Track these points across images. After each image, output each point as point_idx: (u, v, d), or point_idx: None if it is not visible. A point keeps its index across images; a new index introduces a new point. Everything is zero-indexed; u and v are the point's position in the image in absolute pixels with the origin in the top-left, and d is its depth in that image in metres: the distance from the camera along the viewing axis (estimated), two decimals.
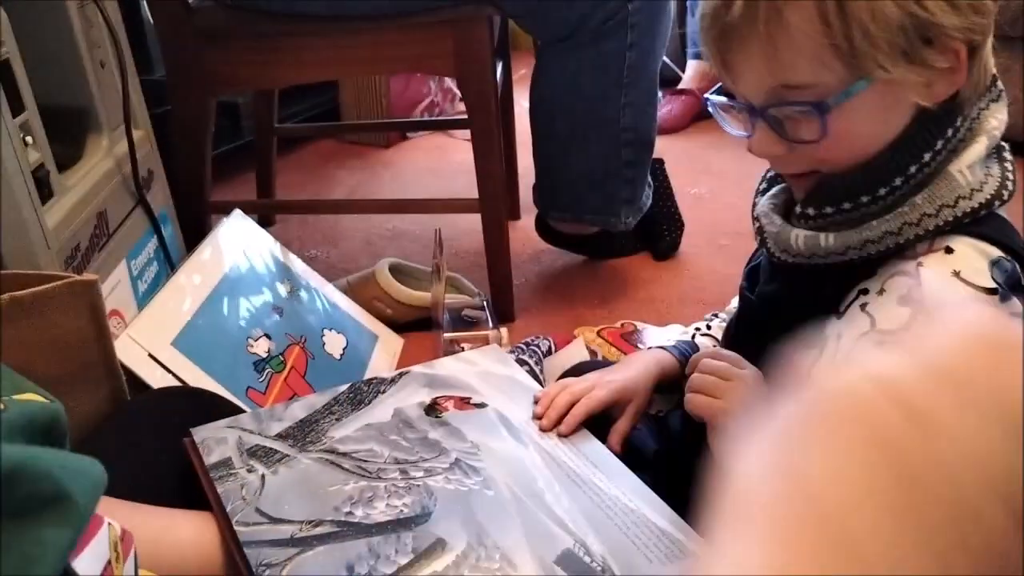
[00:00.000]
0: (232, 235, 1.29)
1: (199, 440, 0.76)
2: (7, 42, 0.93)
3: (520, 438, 0.79)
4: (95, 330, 0.81)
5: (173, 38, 1.42)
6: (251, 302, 1.21)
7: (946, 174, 0.65)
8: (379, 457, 0.75)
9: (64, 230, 0.99)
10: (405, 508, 0.69)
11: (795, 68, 0.62)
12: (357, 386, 0.86)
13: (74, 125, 1.12)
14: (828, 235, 0.67)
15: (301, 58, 1.41)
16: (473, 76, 1.37)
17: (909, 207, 0.64)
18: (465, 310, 1.37)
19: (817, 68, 0.62)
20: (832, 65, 0.61)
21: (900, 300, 0.64)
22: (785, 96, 0.64)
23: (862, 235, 0.65)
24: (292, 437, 0.78)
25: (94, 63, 1.13)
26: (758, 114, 0.66)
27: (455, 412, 0.82)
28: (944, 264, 0.63)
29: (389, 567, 0.63)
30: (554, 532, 0.67)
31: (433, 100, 2.55)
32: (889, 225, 0.64)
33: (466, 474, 0.73)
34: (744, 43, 0.63)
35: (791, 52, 0.62)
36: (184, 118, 1.46)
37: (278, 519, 0.68)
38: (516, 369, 0.91)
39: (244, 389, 1.10)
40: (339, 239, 1.85)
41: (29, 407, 0.50)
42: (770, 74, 0.63)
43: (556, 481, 0.73)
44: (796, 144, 0.66)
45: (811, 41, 0.61)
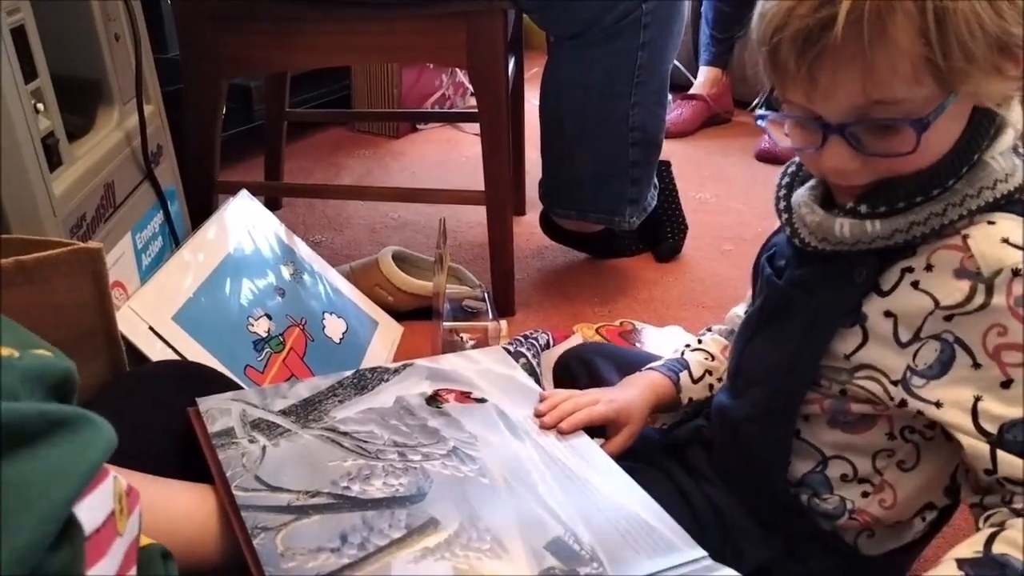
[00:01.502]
0: (238, 215, 1.30)
1: (204, 409, 0.77)
2: (22, 8, 0.93)
3: (517, 433, 0.79)
4: (97, 299, 0.82)
5: (188, 18, 1.42)
6: (254, 282, 1.22)
7: (982, 162, 0.67)
8: (379, 439, 0.76)
9: (71, 199, 0.99)
10: (401, 487, 0.70)
11: (891, 86, 0.62)
12: (362, 372, 0.87)
13: (86, 96, 1.13)
14: (874, 222, 0.68)
15: (314, 43, 1.42)
16: (485, 69, 1.37)
17: (950, 191, 0.67)
18: (466, 301, 1.37)
19: (912, 85, 0.62)
20: (925, 81, 0.62)
21: (955, 274, 0.66)
22: (871, 112, 0.64)
23: (908, 219, 0.67)
24: (295, 414, 0.79)
25: (109, 36, 1.14)
26: (835, 130, 0.66)
27: (455, 404, 0.83)
28: (990, 233, 0.65)
29: (382, 539, 0.64)
30: (545, 520, 0.68)
31: (444, 93, 2.55)
32: (934, 207, 0.67)
33: (462, 461, 0.74)
34: (842, 62, 0.62)
35: (890, 71, 0.62)
36: (196, 98, 1.47)
37: (276, 487, 0.68)
38: (517, 369, 0.92)
39: (243, 367, 1.11)
40: (344, 226, 1.86)
41: (43, 359, 0.50)
42: (864, 92, 0.63)
43: (550, 475, 0.74)
44: (871, 158, 0.66)
45: (910, 59, 0.61)
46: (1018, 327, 0.63)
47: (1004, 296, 0.64)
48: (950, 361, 0.66)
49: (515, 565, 0.63)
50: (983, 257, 0.65)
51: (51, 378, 0.50)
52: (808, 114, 0.67)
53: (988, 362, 0.64)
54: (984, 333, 0.64)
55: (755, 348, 0.81)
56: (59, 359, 0.52)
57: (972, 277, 0.65)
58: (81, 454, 0.46)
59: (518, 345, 1.21)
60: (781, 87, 0.68)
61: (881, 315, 0.69)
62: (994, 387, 0.64)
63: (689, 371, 0.92)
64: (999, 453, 0.64)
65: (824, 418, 0.76)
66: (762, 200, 0.99)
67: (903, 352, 0.69)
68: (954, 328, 0.66)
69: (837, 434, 0.76)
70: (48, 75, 0.98)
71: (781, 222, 0.78)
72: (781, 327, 0.77)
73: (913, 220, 0.67)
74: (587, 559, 0.64)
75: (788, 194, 0.78)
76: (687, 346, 0.96)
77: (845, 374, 0.73)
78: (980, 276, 0.64)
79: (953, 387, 0.66)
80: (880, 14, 0.60)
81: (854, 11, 0.60)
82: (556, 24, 1.43)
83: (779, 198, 0.79)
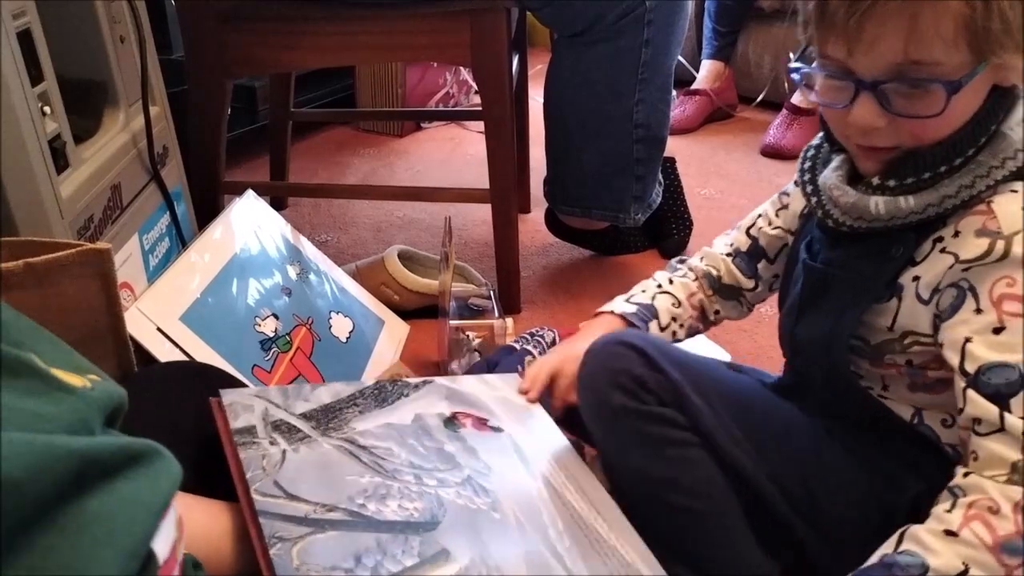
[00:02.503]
0: (244, 215, 1.30)
1: (227, 403, 0.76)
2: (29, 12, 0.94)
3: (531, 470, 0.80)
4: (106, 300, 0.82)
5: (192, 18, 1.43)
6: (260, 282, 1.22)
7: (1000, 133, 0.71)
8: (396, 458, 0.76)
9: (78, 201, 1.00)
10: (416, 512, 0.70)
11: (931, 46, 0.65)
12: (382, 384, 0.88)
13: (92, 98, 1.13)
14: (908, 198, 0.71)
15: (318, 43, 1.42)
16: (489, 67, 1.37)
17: (975, 164, 0.70)
18: (472, 299, 1.38)
19: (950, 49, 0.65)
20: (961, 46, 0.65)
21: (977, 233, 0.69)
22: (908, 72, 0.67)
23: (940, 192, 0.71)
24: (315, 419, 0.79)
25: (114, 38, 1.14)
26: (868, 87, 0.68)
27: (472, 431, 0.83)
28: (1013, 198, 0.70)
29: (395, 566, 0.64)
30: (552, 566, 0.69)
31: (448, 92, 2.55)
32: (963, 179, 0.70)
33: (476, 493, 0.75)
34: (890, 17, 0.65)
35: (933, 31, 0.65)
36: (201, 98, 1.47)
37: (294, 496, 0.68)
38: (535, 405, 0.92)
39: (250, 367, 1.11)
40: (349, 225, 1.86)
41: (107, 388, 0.52)
42: (904, 51, 0.66)
43: (560, 519, 0.75)
44: (899, 118, 0.69)
45: (954, 21, 0.64)
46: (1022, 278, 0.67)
47: (1018, 251, 0.67)
48: (959, 305, 0.70)
49: None
50: (1004, 217, 0.69)
51: (111, 406, 0.51)
52: (843, 69, 0.70)
53: (989, 307, 0.68)
54: (994, 282, 0.68)
55: (802, 331, 0.82)
56: (113, 385, 0.53)
57: (992, 235, 0.68)
58: (156, 487, 0.47)
59: (524, 343, 1.21)
60: (823, 40, 0.71)
61: (910, 280, 0.73)
62: (986, 331, 0.68)
63: (658, 319, 0.93)
64: (969, 393, 0.67)
65: (904, 382, 0.77)
66: (767, 195, 0.99)
67: (928, 307, 0.72)
68: (969, 276, 0.69)
69: (921, 396, 0.77)
70: (54, 78, 0.98)
71: (810, 205, 0.79)
72: (819, 307, 0.79)
73: (945, 194, 0.70)
74: None
75: (813, 177, 0.80)
76: (658, 286, 0.97)
77: (898, 345, 0.75)
78: (1000, 233, 0.68)
79: (953, 328, 0.70)
80: None
81: None
82: (560, 22, 1.43)
83: (804, 182, 0.81)
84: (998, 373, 0.66)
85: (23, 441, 0.41)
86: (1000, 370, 0.66)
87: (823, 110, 0.76)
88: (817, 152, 0.82)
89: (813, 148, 0.83)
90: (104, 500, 0.43)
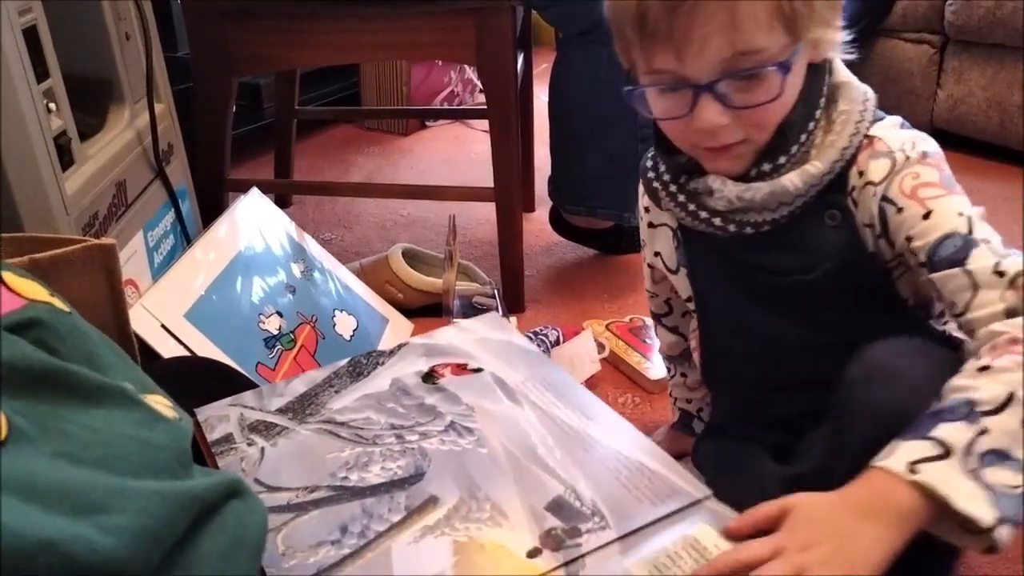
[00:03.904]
0: (249, 213, 1.30)
1: (202, 419, 0.77)
2: (35, 8, 0.94)
3: (515, 398, 0.79)
4: (111, 296, 0.82)
5: (198, 16, 1.43)
6: (265, 280, 1.22)
7: (843, 83, 0.76)
8: (375, 424, 0.76)
9: (83, 197, 1.00)
10: (399, 470, 0.70)
11: (752, 35, 0.68)
12: (356, 359, 0.87)
13: (97, 95, 1.13)
14: (814, 162, 0.74)
15: (324, 40, 1.42)
16: (494, 65, 1.37)
17: (843, 114, 0.75)
18: (476, 297, 1.38)
19: (768, 34, 0.69)
20: (778, 30, 0.69)
21: (872, 157, 0.73)
22: (739, 65, 0.69)
23: (837, 147, 0.74)
24: (292, 411, 0.79)
25: (119, 35, 1.14)
26: (706, 89, 0.70)
27: (452, 378, 0.83)
28: (886, 127, 0.75)
29: (382, 525, 0.64)
30: (545, 481, 0.68)
31: (453, 90, 2.55)
32: (847, 129, 0.74)
33: (460, 435, 0.74)
34: (711, 16, 0.67)
35: (751, 19, 0.68)
36: (206, 96, 1.47)
37: (275, 487, 0.69)
38: (514, 334, 0.91)
39: (254, 364, 1.11)
40: (354, 223, 1.86)
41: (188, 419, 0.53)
42: (730, 44, 0.68)
43: (549, 434, 0.74)
44: (741, 111, 0.71)
45: (765, 9, 0.68)
46: (930, 170, 0.72)
47: (914, 153, 0.72)
48: (885, 218, 0.73)
49: (515, 529, 0.63)
50: (888, 139, 0.73)
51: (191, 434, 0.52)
52: (676, 78, 0.71)
53: (907, 203, 0.71)
54: (899, 184, 0.72)
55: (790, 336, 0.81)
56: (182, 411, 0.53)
57: (887, 155, 0.73)
58: (255, 522, 0.48)
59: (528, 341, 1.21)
60: (649, 54, 0.72)
61: (865, 229, 0.75)
62: (918, 222, 0.71)
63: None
64: (933, 276, 0.69)
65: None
66: None
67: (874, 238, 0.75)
68: (880, 191, 0.73)
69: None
70: (60, 75, 0.98)
71: (710, 228, 0.79)
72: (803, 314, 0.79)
73: (842, 146, 0.74)
74: (589, 515, 0.64)
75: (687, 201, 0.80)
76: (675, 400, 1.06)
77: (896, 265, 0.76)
78: (892, 152, 0.73)
79: (894, 237, 0.73)
80: None
81: None
82: (565, 21, 1.42)
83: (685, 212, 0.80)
84: (945, 246, 0.69)
85: (154, 491, 0.42)
86: (944, 243, 0.69)
87: (663, 124, 0.78)
88: (657, 176, 0.84)
89: (650, 173, 0.85)
90: (217, 539, 0.44)
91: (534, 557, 0.61)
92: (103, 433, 0.44)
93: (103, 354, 0.53)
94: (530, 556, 0.61)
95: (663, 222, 0.89)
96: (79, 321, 0.54)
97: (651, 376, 1.26)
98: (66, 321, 0.51)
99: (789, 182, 0.74)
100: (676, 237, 0.87)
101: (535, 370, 0.83)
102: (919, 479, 0.58)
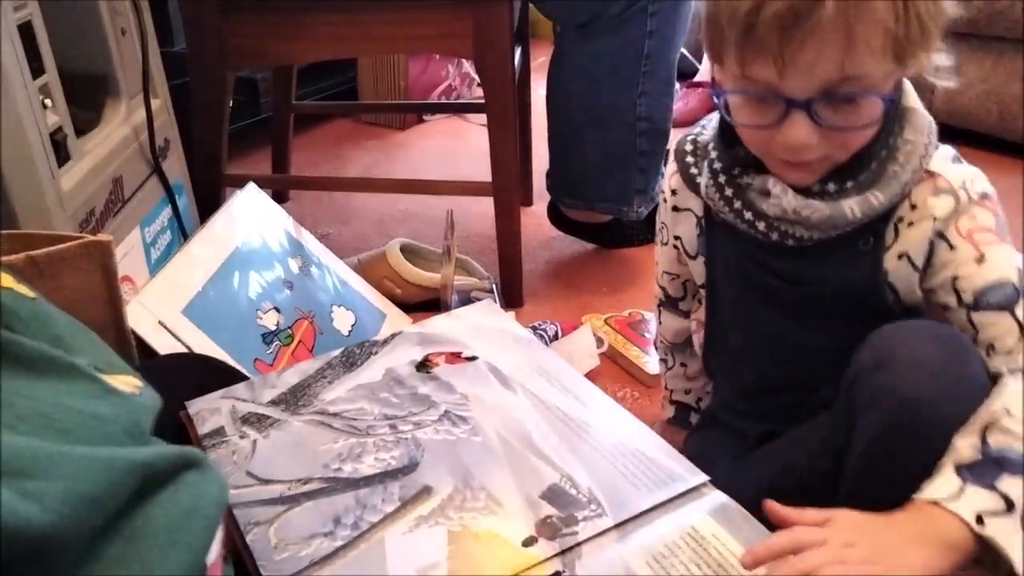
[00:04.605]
0: (246, 208, 1.30)
1: (193, 412, 0.77)
2: (30, 4, 0.93)
3: (510, 385, 0.79)
4: (107, 292, 0.82)
5: (194, 11, 1.42)
6: (262, 275, 1.22)
7: (911, 110, 0.74)
8: (369, 415, 0.76)
9: (79, 193, 1.00)
10: (393, 460, 0.70)
11: (864, 61, 0.65)
12: (350, 349, 0.86)
13: (93, 91, 1.13)
14: (876, 194, 0.72)
15: (321, 34, 1.41)
16: (492, 59, 1.37)
17: (909, 144, 0.73)
18: (474, 292, 1.38)
19: (880, 60, 0.66)
20: (888, 56, 0.66)
21: (933, 193, 0.72)
22: (840, 87, 0.66)
23: (900, 180, 0.72)
24: (284, 402, 0.78)
25: (115, 30, 1.14)
26: (801, 106, 0.67)
27: (446, 367, 0.82)
28: (945, 161, 0.74)
29: (375, 515, 0.64)
30: (540, 469, 0.68)
31: (451, 84, 2.55)
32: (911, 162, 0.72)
33: (455, 424, 0.74)
34: (828, 38, 0.64)
35: (866, 45, 0.64)
36: (202, 91, 1.47)
37: (267, 480, 0.68)
38: (507, 320, 0.91)
39: (252, 360, 1.11)
40: (351, 218, 1.86)
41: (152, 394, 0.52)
42: (839, 68, 0.65)
43: (545, 422, 0.74)
44: (831, 132, 0.69)
45: (883, 35, 0.64)
46: (987, 215, 0.72)
47: (975, 194, 0.72)
48: (932, 252, 0.72)
49: (510, 518, 0.63)
50: (948, 175, 0.72)
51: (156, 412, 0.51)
52: (770, 90, 0.68)
53: (961, 243, 0.71)
54: (956, 224, 0.72)
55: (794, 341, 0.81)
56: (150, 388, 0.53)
57: (949, 192, 0.72)
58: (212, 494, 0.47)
59: None
60: (746, 61, 0.68)
61: (896, 259, 0.74)
62: (969, 263, 0.71)
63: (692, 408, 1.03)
64: (975, 316, 0.71)
65: None
66: None
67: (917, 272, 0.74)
68: (936, 227, 0.72)
69: None
70: (56, 70, 0.98)
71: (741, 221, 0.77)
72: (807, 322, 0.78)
73: (905, 180, 0.72)
74: (585, 502, 0.64)
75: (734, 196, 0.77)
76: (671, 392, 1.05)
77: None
78: (953, 188, 0.72)
79: (938, 274, 0.73)
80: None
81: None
82: (563, 14, 1.42)
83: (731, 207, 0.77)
84: (995, 292, 0.70)
85: (93, 456, 0.41)
86: (995, 289, 0.70)
87: (741, 130, 0.74)
88: (700, 160, 0.82)
89: (689, 157, 0.84)
90: (167, 508, 0.44)
91: (529, 546, 0.61)
92: (44, 404, 0.43)
93: (68, 337, 0.52)
94: (525, 545, 0.61)
95: (689, 207, 0.86)
96: (44, 306, 0.53)
97: (650, 370, 1.26)
98: (28, 306, 0.51)
99: (849, 210, 0.72)
100: (699, 225, 0.86)
101: (530, 357, 0.83)
102: (986, 533, 0.60)
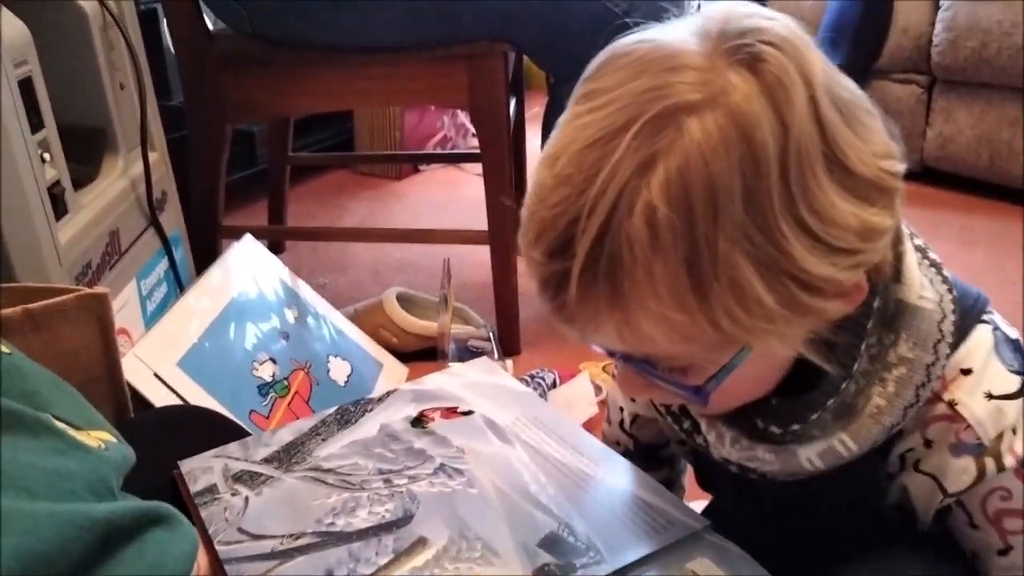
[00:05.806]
0: (242, 259, 1.30)
1: (186, 471, 0.76)
2: (30, 61, 0.94)
3: (506, 438, 0.78)
4: (103, 345, 0.81)
5: (192, 64, 1.44)
6: (258, 326, 1.22)
7: (908, 307, 0.56)
8: (363, 470, 0.75)
9: (76, 247, 1.00)
10: (387, 514, 0.69)
11: (654, 345, 0.50)
12: (344, 407, 0.86)
13: (91, 144, 1.14)
14: (845, 440, 0.57)
15: (317, 87, 1.43)
16: (486, 110, 1.38)
17: (905, 365, 0.56)
18: (471, 341, 1.37)
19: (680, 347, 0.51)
20: (700, 340, 0.50)
21: (952, 449, 0.57)
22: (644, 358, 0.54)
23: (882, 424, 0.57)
24: (277, 460, 0.77)
25: (114, 84, 1.15)
26: (618, 357, 0.56)
27: (441, 422, 0.82)
28: (973, 391, 0.56)
29: (369, 568, 0.63)
30: (538, 518, 0.67)
31: (446, 135, 2.57)
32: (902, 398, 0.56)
33: (450, 476, 0.73)
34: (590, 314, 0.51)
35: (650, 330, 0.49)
36: (200, 143, 1.48)
37: (259, 535, 0.67)
38: (503, 376, 0.91)
39: (248, 412, 1.10)
40: (348, 267, 1.86)
41: (121, 449, 0.52)
42: (625, 344, 0.52)
43: (542, 472, 0.73)
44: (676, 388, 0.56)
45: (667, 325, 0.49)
46: (1020, 488, 0.57)
47: (1010, 457, 0.56)
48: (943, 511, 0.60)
49: (508, 568, 0.62)
50: (980, 425, 0.56)
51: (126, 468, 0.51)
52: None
53: (985, 525, 0.58)
54: (986, 497, 0.57)
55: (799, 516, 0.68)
56: (125, 445, 0.53)
57: (974, 451, 0.56)
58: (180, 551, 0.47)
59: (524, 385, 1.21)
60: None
61: (901, 489, 0.62)
62: (989, 552, 0.59)
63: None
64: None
65: None
66: None
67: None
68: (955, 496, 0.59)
69: None
70: (54, 125, 0.99)
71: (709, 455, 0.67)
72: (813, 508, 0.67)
73: (892, 423, 0.57)
74: (583, 550, 0.63)
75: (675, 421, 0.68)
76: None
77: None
78: (983, 447, 0.56)
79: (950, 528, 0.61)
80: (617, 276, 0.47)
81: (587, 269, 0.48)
82: (556, 65, 1.44)
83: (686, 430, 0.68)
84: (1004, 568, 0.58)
85: (45, 513, 0.40)
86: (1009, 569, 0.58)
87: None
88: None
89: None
90: (131, 566, 0.43)
91: None
92: (4, 461, 0.43)
93: (45, 391, 0.52)
94: None
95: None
96: (19, 360, 0.53)
97: None
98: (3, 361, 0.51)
99: (807, 460, 0.59)
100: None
101: (526, 409, 0.83)
102: None
